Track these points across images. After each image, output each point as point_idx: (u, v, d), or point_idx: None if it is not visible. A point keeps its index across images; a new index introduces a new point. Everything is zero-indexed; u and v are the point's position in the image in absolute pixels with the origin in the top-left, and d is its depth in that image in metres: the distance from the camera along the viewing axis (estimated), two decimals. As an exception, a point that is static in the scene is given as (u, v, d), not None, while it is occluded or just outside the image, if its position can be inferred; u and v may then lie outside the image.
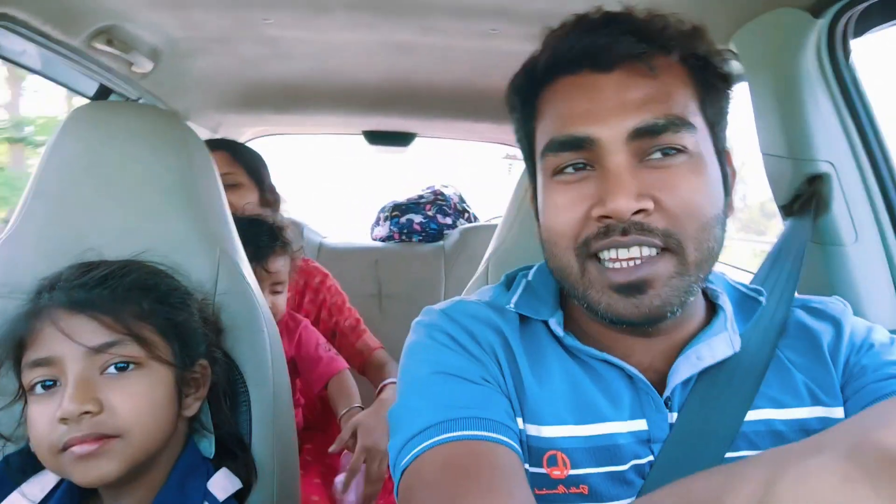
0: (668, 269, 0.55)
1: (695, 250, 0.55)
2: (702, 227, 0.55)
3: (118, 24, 1.15)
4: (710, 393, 0.60)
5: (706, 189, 0.56)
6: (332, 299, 1.54)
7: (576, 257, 0.58)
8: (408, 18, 1.16)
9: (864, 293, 0.89)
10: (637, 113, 0.55)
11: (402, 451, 0.54)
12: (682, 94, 0.57)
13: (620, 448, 0.58)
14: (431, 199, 2.20)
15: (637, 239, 0.54)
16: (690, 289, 0.56)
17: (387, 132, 2.07)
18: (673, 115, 0.55)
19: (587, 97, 0.57)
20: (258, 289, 0.93)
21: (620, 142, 0.55)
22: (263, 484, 0.81)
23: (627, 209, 0.53)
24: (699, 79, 0.59)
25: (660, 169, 0.55)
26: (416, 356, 0.62)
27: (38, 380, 0.66)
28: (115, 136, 0.88)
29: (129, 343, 0.68)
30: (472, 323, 0.63)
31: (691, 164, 0.56)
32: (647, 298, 0.55)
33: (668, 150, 0.55)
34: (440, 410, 0.55)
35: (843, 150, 0.90)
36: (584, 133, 0.56)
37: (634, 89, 0.56)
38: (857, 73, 0.90)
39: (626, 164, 0.55)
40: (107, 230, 0.84)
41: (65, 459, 0.64)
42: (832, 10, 0.85)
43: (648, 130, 0.55)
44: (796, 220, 0.88)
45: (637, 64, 0.56)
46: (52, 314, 0.67)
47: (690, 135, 0.56)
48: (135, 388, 0.67)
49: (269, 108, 1.83)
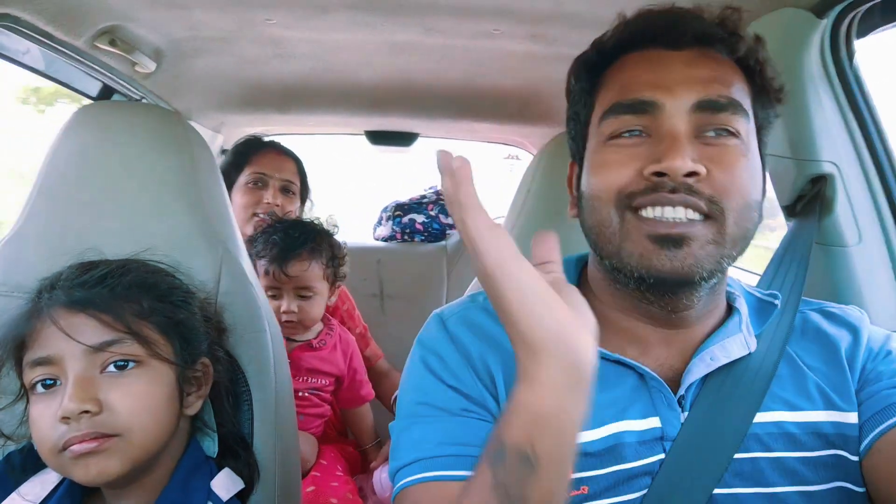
0: (707, 234, 0.57)
1: (734, 224, 0.57)
2: (745, 205, 0.58)
3: (121, 24, 1.15)
4: (721, 392, 0.61)
5: (754, 174, 0.59)
6: (344, 306, 1.59)
7: (615, 208, 0.59)
8: (409, 18, 1.16)
9: (867, 294, 0.88)
10: (702, 88, 0.58)
11: (396, 477, 0.60)
12: (741, 87, 0.60)
13: (627, 447, 0.59)
14: (434, 198, 2.19)
15: (684, 198, 0.56)
16: (722, 261, 0.58)
17: (389, 132, 2.07)
18: (734, 99, 0.58)
19: (656, 68, 0.60)
20: (261, 289, 0.93)
21: (683, 111, 0.58)
22: (265, 483, 0.81)
23: (682, 168, 0.55)
24: (755, 83, 0.62)
25: (714, 146, 0.58)
26: (409, 380, 0.66)
27: (38, 379, 0.66)
28: (118, 136, 0.88)
29: (129, 341, 0.68)
30: (471, 339, 0.64)
31: (742, 149, 0.59)
32: (682, 254, 0.56)
33: (723, 130, 0.58)
34: (421, 446, 0.58)
35: (847, 151, 0.90)
36: (650, 97, 0.59)
37: (702, 68, 0.59)
38: (861, 73, 0.90)
39: (685, 132, 0.57)
40: (110, 230, 0.84)
41: (66, 458, 0.64)
42: (835, 11, 0.84)
43: (711, 105, 0.58)
44: (801, 220, 0.88)
45: (706, 48, 0.60)
46: (53, 313, 0.67)
47: (745, 122, 0.59)
48: (135, 386, 0.67)
49: (272, 107, 1.83)
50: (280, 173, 1.55)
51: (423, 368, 0.64)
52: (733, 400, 0.60)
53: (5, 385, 0.71)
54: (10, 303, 0.76)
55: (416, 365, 0.65)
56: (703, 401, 0.61)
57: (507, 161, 2.99)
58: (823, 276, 0.91)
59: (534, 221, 0.95)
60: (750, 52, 0.61)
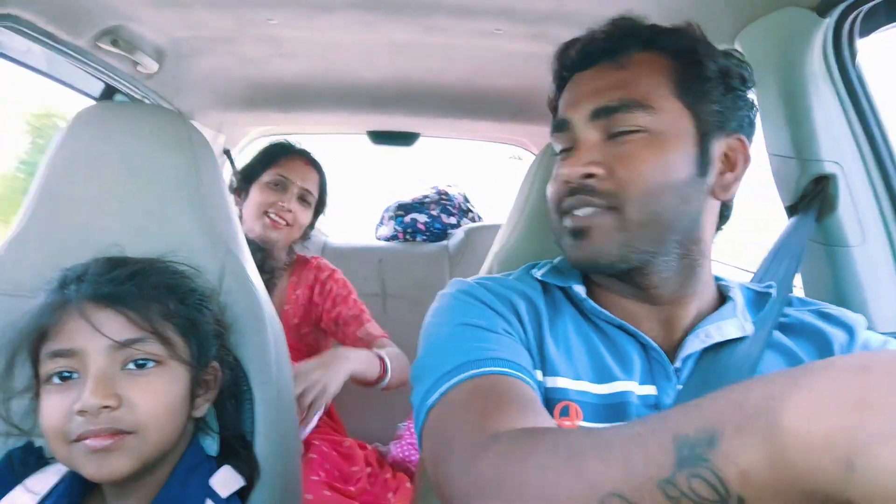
0: (607, 223, 0.64)
1: (637, 211, 0.63)
2: (646, 192, 0.63)
3: (123, 24, 1.15)
4: (715, 368, 0.64)
5: (659, 161, 0.63)
6: (337, 290, 1.58)
7: (557, 215, 0.69)
8: (411, 18, 1.16)
9: (870, 294, 0.88)
10: (597, 97, 0.66)
11: (429, 392, 0.58)
12: (649, 81, 0.65)
13: (630, 406, 0.62)
14: (436, 198, 2.20)
15: (580, 199, 0.65)
16: (632, 244, 0.63)
17: (390, 132, 2.07)
18: (628, 99, 0.64)
19: (572, 90, 0.70)
20: (263, 288, 0.93)
21: (584, 121, 0.66)
22: (266, 482, 0.81)
23: (572, 174, 0.65)
24: (675, 65, 0.66)
25: (620, 144, 0.64)
26: (441, 315, 0.68)
27: (56, 370, 0.66)
28: (120, 137, 0.88)
29: (153, 341, 0.68)
30: (499, 287, 0.70)
31: (647, 140, 0.64)
32: (587, 244, 0.65)
33: (628, 129, 0.64)
34: (465, 353, 0.59)
35: (850, 151, 0.89)
36: (563, 115, 0.69)
37: (600, 79, 0.67)
38: (864, 72, 0.90)
39: (591, 140, 0.66)
40: (112, 230, 0.85)
41: (77, 451, 0.64)
42: (838, 10, 0.84)
43: (604, 110, 0.65)
44: (799, 217, 0.88)
45: (606, 60, 0.67)
46: (80, 306, 0.67)
47: (645, 115, 0.64)
48: (153, 385, 0.67)
49: (273, 107, 1.83)
50: (302, 182, 1.56)
51: (457, 301, 0.67)
52: (727, 377, 0.62)
53: (15, 375, 0.71)
54: (12, 303, 0.76)
55: (448, 302, 0.68)
56: (698, 374, 0.64)
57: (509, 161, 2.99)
58: (826, 276, 0.91)
59: (536, 221, 0.95)
60: (657, 42, 0.67)
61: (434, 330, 0.66)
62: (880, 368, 0.29)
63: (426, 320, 0.69)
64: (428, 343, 0.65)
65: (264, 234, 1.51)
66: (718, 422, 0.33)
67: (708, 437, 0.32)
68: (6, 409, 0.72)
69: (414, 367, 0.64)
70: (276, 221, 1.51)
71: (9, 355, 0.70)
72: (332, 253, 2.03)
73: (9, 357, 0.70)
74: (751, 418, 0.31)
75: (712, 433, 0.32)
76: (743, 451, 0.31)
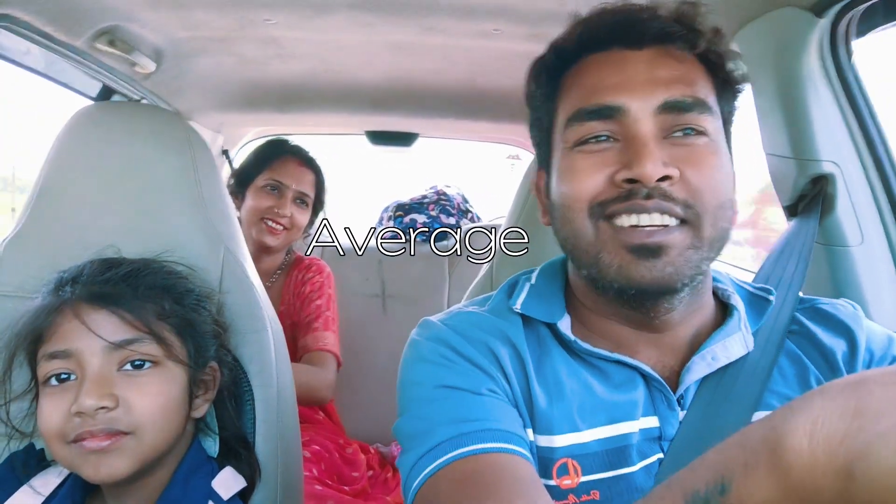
0: (685, 240, 0.55)
1: (711, 226, 0.56)
2: (720, 205, 0.56)
3: (121, 24, 1.15)
4: (718, 391, 0.59)
5: (725, 171, 0.58)
6: (308, 291, 1.53)
7: (589, 218, 0.58)
8: (409, 18, 1.16)
9: (869, 294, 0.88)
10: (667, 88, 0.57)
11: (414, 470, 0.54)
12: (705, 84, 0.60)
13: (631, 448, 0.58)
14: (435, 199, 2.19)
15: (659, 204, 0.54)
16: (702, 265, 0.57)
17: (389, 132, 2.07)
18: (699, 98, 0.57)
19: (618, 70, 0.58)
20: (262, 288, 0.93)
21: (649, 113, 0.56)
22: (267, 482, 0.81)
23: (654, 173, 0.54)
24: (717, 77, 0.61)
25: (683, 146, 0.57)
26: (416, 370, 0.61)
27: (53, 372, 0.66)
28: (118, 137, 0.88)
29: (149, 341, 0.68)
30: (477, 332, 0.62)
31: (712, 147, 0.58)
32: (661, 264, 0.55)
33: (691, 129, 0.57)
34: (451, 425, 0.54)
35: (848, 151, 0.90)
36: (614, 102, 0.57)
37: (664, 67, 0.58)
38: (860, 72, 0.90)
39: (653, 135, 0.56)
40: (111, 230, 0.84)
41: (75, 451, 0.64)
42: (834, 10, 0.84)
43: (677, 106, 0.56)
44: (802, 218, 0.88)
45: (667, 46, 0.58)
46: (75, 307, 0.67)
47: (713, 119, 0.58)
48: (150, 386, 0.67)
49: (272, 107, 1.83)
50: (297, 185, 1.53)
51: (432, 356, 0.60)
52: (731, 399, 0.59)
53: (14, 377, 0.71)
54: (12, 303, 0.76)
55: (423, 356, 0.61)
56: (701, 399, 0.60)
57: (508, 161, 2.99)
58: (825, 276, 0.91)
59: (535, 220, 0.95)
60: (710, 46, 0.59)
61: (412, 391, 0.60)
62: (876, 379, 0.29)
63: (401, 372, 0.63)
64: (407, 405, 0.60)
65: (262, 239, 1.50)
66: (725, 468, 0.33)
67: (719, 486, 0.32)
68: (7, 411, 0.72)
69: (395, 430, 0.59)
70: (273, 228, 1.50)
71: (7, 357, 0.70)
72: (332, 253, 2.03)
73: (7, 359, 0.70)
74: (755, 454, 0.31)
75: (722, 482, 0.32)
76: (755, 488, 0.31)
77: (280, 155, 1.56)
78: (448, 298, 1.98)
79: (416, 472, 0.53)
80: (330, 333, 1.48)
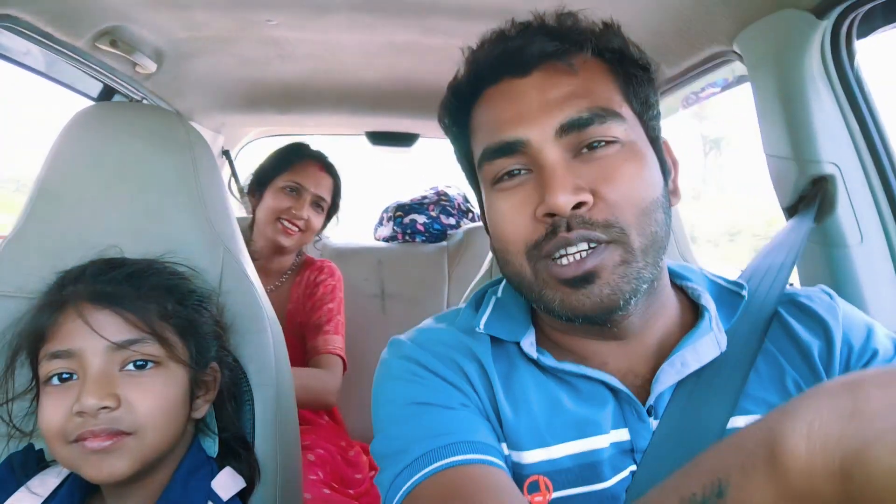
0: (615, 258, 0.55)
1: (638, 236, 0.55)
2: (642, 213, 0.56)
3: (122, 24, 1.15)
4: (693, 397, 0.58)
5: (643, 175, 0.57)
6: (320, 294, 1.55)
7: (527, 260, 0.58)
8: (409, 19, 1.16)
9: (869, 294, 0.88)
10: (561, 109, 0.56)
11: (392, 488, 0.53)
12: (604, 87, 0.58)
13: (603, 463, 0.57)
14: (435, 199, 2.19)
15: (581, 234, 0.54)
16: (640, 275, 0.56)
17: (389, 133, 2.07)
18: (597, 108, 0.56)
19: (511, 102, 0.58)
20: (262, 288, 0.93)
21: (549, 139, 0.56)
22: (266, 483, 0.81)
23: (567, 203, 0.54)
24: (619, 71, 0.60)
25: (595, 161, 0.56)
26: (388, 389, 0.61)
27: (55, 372, 0.66)
28: (118, 137, 0.88)
29: (151, 342, 0.68)
30: (444, 349, 0.62)
31: (625, 153, 0.57)
32: (597, 288, 0.55)
33: (599, 142, 0.56)
34: (425, 441, 0.54)
35: (848, 152, 0.90)
36: (513, 136, 0.57)
37: (555, 88, 0.57)
38: (862, 74, 0.90)
39: (561, 161, 0.56)
40: (111, 230, 0.84)
41: (76, 451, 0.64)
42: (836, 12, 0.84)
43: (575, 124, 0.56)
44: (798, 217, 0.88)
45: (554, 63, 0.57)
46: (78, 306, 0.67)
47: (619, 124, 0.57)
48: (152, 386, 0.67)
49: (272, 108, 1.83)
50: (316, 188, 1.56)
51: (403, 374, 0.61)
52: (706, 405, 0.57)
53: (15, 376, 0.71)
54: (11, 304, 0.76)
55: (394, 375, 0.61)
56: (676, 406, 0.58)
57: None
58: (825, 277, 0.91)
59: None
60: (599, 45, 0.59)
61: (384, 410, 0.60)
62: (872, 381, 0.29)
63: (374, 392, 0.62)
64: (381, 424, 0.60)
65: (276, 239, 1.52)
66: (722, 470, 0.33)
67: (716, 489, 0.32)
68: (8, 410, 0.73)
69: (372, 450, 0.59)
70: (288, 228, 1.52)
71: (8, 357, 0.70)
72: (332, 254, 2.03)
73: (9, 359, 0.70)
74: (752, 456, 0.31)
75: (719, 484, 0.32)
76: (752, 490, 0.31)
77: (302, 158, 1.59)
78: (448, 298, 1.98)
79: (394, 490, 0.53)
80: (339, 337, 1.51)
